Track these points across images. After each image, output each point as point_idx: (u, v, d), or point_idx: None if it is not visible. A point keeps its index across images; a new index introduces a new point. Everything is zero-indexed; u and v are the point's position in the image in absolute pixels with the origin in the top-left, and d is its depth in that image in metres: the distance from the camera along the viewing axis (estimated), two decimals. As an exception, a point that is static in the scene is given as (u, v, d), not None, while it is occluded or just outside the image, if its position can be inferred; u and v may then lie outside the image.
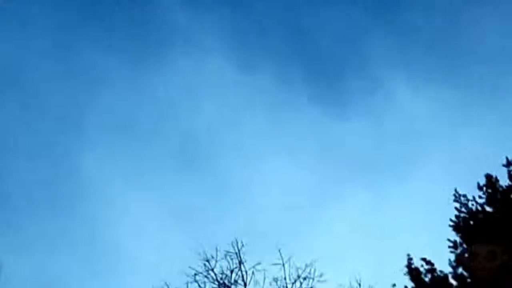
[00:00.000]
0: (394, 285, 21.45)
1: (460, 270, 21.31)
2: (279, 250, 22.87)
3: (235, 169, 32.01)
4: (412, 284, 21.64)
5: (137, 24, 36.15)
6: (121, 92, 35.86)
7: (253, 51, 35.89)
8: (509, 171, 21.89)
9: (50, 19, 35.95)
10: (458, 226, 22.04)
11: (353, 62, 35.50)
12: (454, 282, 21.38)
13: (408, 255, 21.31)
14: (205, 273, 22.91)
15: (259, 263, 22.91)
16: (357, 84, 34.71)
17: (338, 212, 28.67)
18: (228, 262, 23.07)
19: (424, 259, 21.37)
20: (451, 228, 22.26)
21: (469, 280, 21.09)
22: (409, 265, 21.43)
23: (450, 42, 34.19)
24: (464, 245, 21.92)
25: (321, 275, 22.81)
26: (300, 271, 22.95)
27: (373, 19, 35.85)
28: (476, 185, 22.08)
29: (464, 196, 21.98)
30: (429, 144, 31.22)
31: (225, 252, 23.06)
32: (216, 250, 22.99)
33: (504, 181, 22.01)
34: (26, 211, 31.14)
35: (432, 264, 21.44)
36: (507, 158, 21.94)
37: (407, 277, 21.81)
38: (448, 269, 21.46)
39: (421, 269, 21.60)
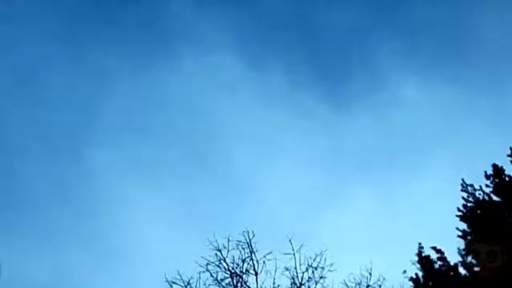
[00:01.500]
0: (404, 271, 21.71)
1: (469, 258, 21.55)
2: (290, 240, 23.33)
3: (247, 165, 32.56)
4: (422, 273, 21.87)
5: (148, 24, 36.61)
6: (132, 91, 36.26)
7: (263, 49, 36.30)
8: (513, 161, 22.25)
9: (61, 20, 36.16)
10: (466, 215, 22.32)
11: (359, 61, 36.09)
12: (463, 271, 21.59)
13: (419, 243, 21.63)
14: (217, 263, 23.32)
15: (270, 253, 23.33)
16: (363, 82, 35.23)
17: (348, 204, 29.26)
18: (240, 252, 23.54)
19: (434, 248, 21.69)
20: (458, 218, 22.45)
21: (477, 268, 21.33)
22: (419, 253, 21.76)
23: (455, 40, 34.70)
24: (472, 235, 22.08)
25: (331, 265, 23.24)
26: (310, 261, 23.36)
27: (379, 19, 36.34)
28: (483, 174, 22.47)
29: (471, 185, 22.30)
30: (435, 139, 31.77)
31: (236, 242, 23.42)
32: (228, 240, 23.44)
33: (510, 171, 22.41)
34: (37, 209, 31.29)
35: (442, 253, 21.75)
36: (511, 149, 22.29)
37: (416, 267, 22.03)
38: (458, 258, 21.68)
39: (432, 257, 21.83)
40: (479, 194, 22.27)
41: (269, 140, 33.77)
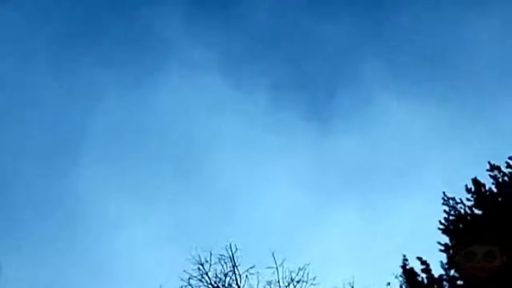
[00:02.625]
0: (388, 284, 21.83)
1: (452, 272, 21.68)
2: (273, 254, 23.27)
3: (231, 182, 32.43)
4: (406, 285, 21.96)
5: (135, 40, 36.55)
6: (119, 108, 36.17)
7: (248, 67, 36.46)
8: (493, 176, 22.46)
9: (48, 35, 36.27)
10: (448, 229, 22.47)
11: (345, 79, 36.25)
12: (446, 284, 21.71)
13: (404, 255, 21.85)
14: (199, 277, 23.22)
15: (252, 267, 23.25)
16: (349, 100, 35.39)
17: (332, 220, 29.41)
18: (222, 266, 23.46)
19: (419, 259, 21.84)
20: (440, 232, 22.58)
21: (459, 282, 21.46)
22: (404, 265, 21.89)
23: (441, 57, 35.05)
24: (455, 248, 22.21)
25: (314, 278, 23.21)
26: (293, 274, 23.32)
27: (364, 37, 36.67)
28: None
29: (453, 199, 22.49)
30: (421, 156, 31.93)
31: (219, 256, 23.36)
32: (210, 255, 23.31)
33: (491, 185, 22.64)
34: (25, 226, 31.19)
35: (428, 265, 21.88)
36: (489, 163, 22.60)
37: (399, 280, 22.14)
38: (441, 272, 21.82)
39: (416, 270, 21.96)
40: (461, 207, 22.48)
41: (254, 158, 33.91)
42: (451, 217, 22.49)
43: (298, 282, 23.19)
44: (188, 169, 33.34)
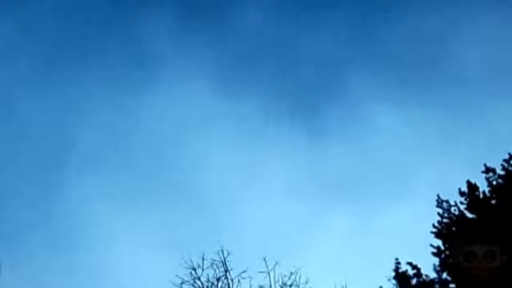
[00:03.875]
0: (381, 287, 21.70)
1: (444, 275, 21.60)
2: (264, 258, 23.19)
3: (223, 191, 32.47)
4: (399, 288, 21.83)
5: (125, 50, 36.63)
6: (109, 119, 36.16)
7: (239, 77, 36.63)
8: (487, 178, 22.42)
9: (36, 48, 36.30)
10: (440, 232, 22.38)
11: (335, 87, 36.46)
12: (438, 287, 21.61)
13: (396, 259, 21.77)
14: (191, 282, 23.09)
15: (244, 271, 23.16)
16: (339, 110, 35.56)
17: (324, 227, 29.53)
18: (215, 271, 23.39)
19: (410, 264, 21.78)
20: (433, 235, 22.49)
21: (452, 285, 21.39)
22: (396, 269, 21.80)
23: (429, 65, 35.32)
24: (447, 251, 22.13)
25: (306, 282, 23.13)
26: (285, 279, 23.22)
27: (353, 47, 36.92)
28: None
29: (447, 201, 22.41)
30: (411, 164, 32.03)
31: (211, 261, 23.27)
32: (203, 259, 23.26)
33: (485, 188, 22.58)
34: (17, 236, 30.98)
35: (419, 269, 21.81)
36: (485, 165, 22.55)
37: (392, 283, 22.03)
38: (433, 275, 21.73)
39: (408, 273, 21.85)
40: (455, 210, 22.40)
41: (245, 168, 33.94)
42: (444, 220, 22.47)
43: (290, 286, 23.13)
44: (178, 178, 33.32)
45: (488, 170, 22.47)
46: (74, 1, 37.22)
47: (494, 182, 22.23)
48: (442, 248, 21.97)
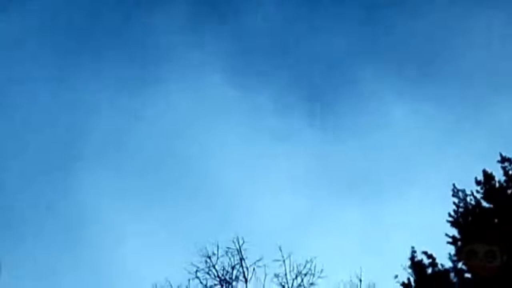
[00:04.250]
0: (396, 276, 21.63)
1: (459, 265, 21.49)
2: (280, 247, 23.17)
3: (234, 183, 32.40)
4: (414, 277, 21.76)
5: (134, 49, 36.71)
6: (117, 115, 36.18)
7: (250, 72, 36.75)
8: (503, 167, 22.33)
9: (45, 46, 36.37)
10: (456, 221, 22.28)
11: (346, 83, 36.55)
12: (454, 276, 21.53)
13: (412, 247, 21.60)
14: (206, 270, 23.08)
15: (260, 260, 23.14)
16: (350, 105, 35.61)
17: (336, 219, 29.62)
18: (230, 259, 23.38)
19: (425, 253, 21.67)
20: (449, 224, 22.39)
21: (467, 274, 21.28)
22: (412, 257, 21.70)
23: (441, 60, 35.35)
24: (463, 240, 22.01)
25: (321, 271, 23.11)
26: (300, 267, 23.20)
27: (363, 42, 36.97)
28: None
29: (463, 191, 22.32)
30: (422, 159, 31.96)
31: (226, 249, 23.24)
32: (218, 247, 23.21)
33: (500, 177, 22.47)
34: (25, 234, 31.02)
35: (434, 258, 21.73)
36: (501, 155, 22.43)
37: (407, 272, 21.93)
38: (449, 264, 21.62)
39: (423, 262, 21.76)
40: (471, 199, 22.31)
41: (257, 162, 33.95)
42: (460, 209, 22.38)
43: (305, 274, 23.11)
44: (190, 170, 33.32)
45: (504, 159, 22.32)
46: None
47: (510, 172, 22.17)
48: (458, 237, 21.90)
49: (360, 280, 23.03)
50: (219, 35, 37.44)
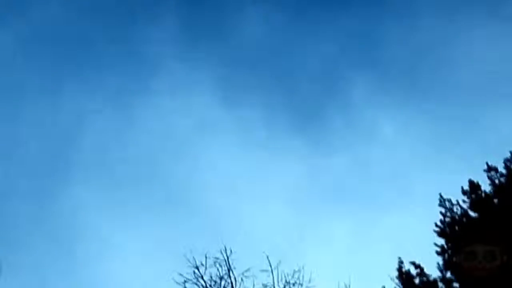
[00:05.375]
0: (383, 287, 21.71)
1: (448, 274, 21.59)
2: (267, 257, 23.13)
3: (221, 195, 32.36)
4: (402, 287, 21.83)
5: (124, 60, 36.81)
6: (107, 129, 36.23)
7: (239, 87, 36.76)
8: (490, 177, 22.47)
9: (37, 56, 36.46)
10: (443, 231, 22.39)
11: (335, 96, 36.65)
12: (442, 286, 21.61)
13: (399, 258, 21.76)
14: (194, 280, 23.01)
15: (248, 270, 23.08)
16: (339, 119, 35.77)
17: (325, 231, 29.55)
18: (218, 269, 23.29)
19: (413, 263, 21.82)
20: (436, 234, 22.51)
21: (456, 284, 21.38)
22: (399, 268, 21.82)
23: (428, 74, 35.56)
24: (450, 250, 22.13)
25: (309, 281, 23.06)
26: (288, 277, 23.15)
27: (352, 56, 37.15)
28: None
29: (449, 200, 22.46)
30: (413, 175, 32.15)
31: (214, 259, 23.22)
32: (206, 258, 23.17)
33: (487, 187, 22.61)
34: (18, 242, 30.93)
35: (422, 269, 21.83)
36: (487, 164, 22.60)
37: (395, 282, 22.02)
38: (437, 273, 21.72)
39: (411, 273, 21.85)
40: (457, 209, 22.44)
41: (247, 174, 33.98)
42: (447, 219, 22.49)
43: (293, 284, 23.05)
44: (178, 183, 33.40)
45: (490, 169, 22.49)
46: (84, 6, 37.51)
47: (497, 181, 22.28)
48: (446, 247, 22.00)
49: (349, 288, 23.03)
50: (207, 47, 37.64)
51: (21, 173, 34.50)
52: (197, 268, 23.08)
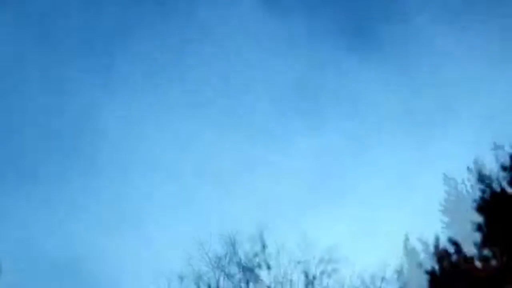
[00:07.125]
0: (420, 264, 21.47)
1: (485, 251, 21.18)
2: (303, 234, 23.00)
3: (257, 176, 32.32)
4: (438, 265, 21.55)
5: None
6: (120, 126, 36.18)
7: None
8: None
9: (43, 56, 36.28)
10: (482, 207, 21.90)
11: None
12: (479, 263, 21.23)
13: (436, 235, 21.34)
14: (228, 257, 22.97)
15: (282, 247, 22.99)
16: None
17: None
18: (252, 246, 23.17)
19: (450, 240, 21.31)
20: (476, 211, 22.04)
21: (493, 261, 20.97)
22: (436, 246, 21.41)
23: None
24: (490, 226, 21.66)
25: (344, 258, 22.97)
26: (323, 254, 23.08)
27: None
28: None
29: (489, 177, 21.91)
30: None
31: (248, 236, 23.17)
32: (239, 235, 23.10)
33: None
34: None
35: (459, 246, 21.36)
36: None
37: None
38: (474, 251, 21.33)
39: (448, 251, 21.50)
40: (496, 185, 21.92)
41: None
42: (485, 196, 22.01)
43: (328, 261, 22.98)
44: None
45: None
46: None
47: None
48: (484, 223, 21.59)
49: (385, 267, 22.86)
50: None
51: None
52: (231, 244, 23.10)
